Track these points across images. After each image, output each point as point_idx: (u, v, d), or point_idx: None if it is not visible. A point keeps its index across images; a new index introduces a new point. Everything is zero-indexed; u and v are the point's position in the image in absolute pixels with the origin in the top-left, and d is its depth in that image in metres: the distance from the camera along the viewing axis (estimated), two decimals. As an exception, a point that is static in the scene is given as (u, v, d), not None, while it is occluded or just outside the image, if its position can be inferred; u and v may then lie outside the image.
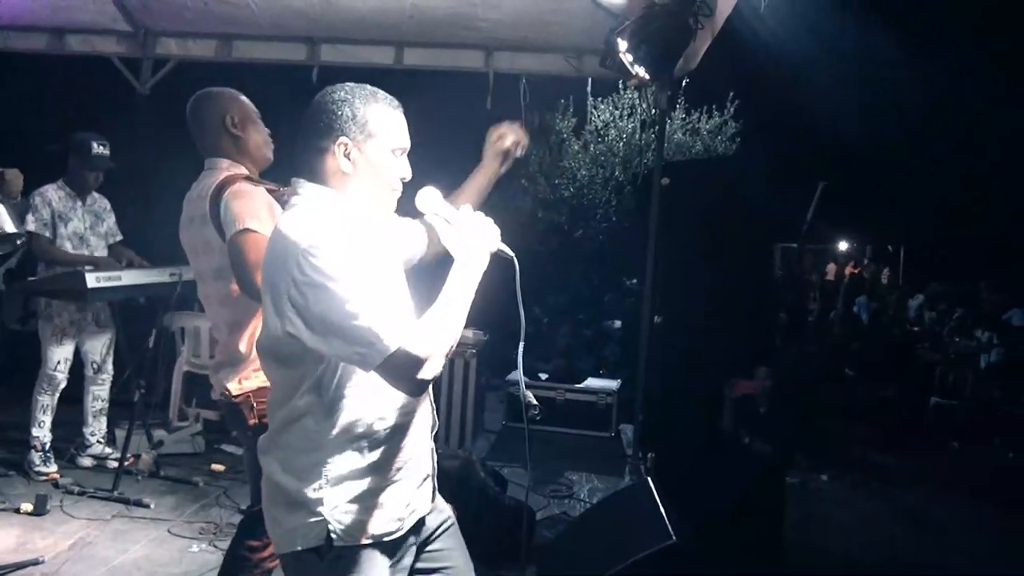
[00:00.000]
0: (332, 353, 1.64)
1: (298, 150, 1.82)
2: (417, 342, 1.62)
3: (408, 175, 1.87)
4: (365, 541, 1.72)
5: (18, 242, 3.51)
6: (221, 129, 2.78)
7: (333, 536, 1.69)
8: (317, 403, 1.71)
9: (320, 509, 1.69)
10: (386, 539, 1.75)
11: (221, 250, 2.60)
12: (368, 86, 1.84)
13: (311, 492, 1.70)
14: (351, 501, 1.71)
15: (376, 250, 1.77)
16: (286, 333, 1.66)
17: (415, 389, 1.68)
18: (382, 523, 1.74)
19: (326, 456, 1.71)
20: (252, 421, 2.72)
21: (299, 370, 1.71)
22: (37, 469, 4.70)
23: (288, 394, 1.74)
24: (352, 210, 1.78)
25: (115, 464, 4.95)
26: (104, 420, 5.08)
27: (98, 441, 5.04)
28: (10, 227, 3.35)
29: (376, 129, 1.78)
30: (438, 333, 1.67)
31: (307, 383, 1.71)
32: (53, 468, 4.76)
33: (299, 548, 1.72)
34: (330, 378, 1.70)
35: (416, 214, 1.94)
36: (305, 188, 1.80)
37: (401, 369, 1.61)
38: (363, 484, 1.73)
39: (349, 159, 1.77)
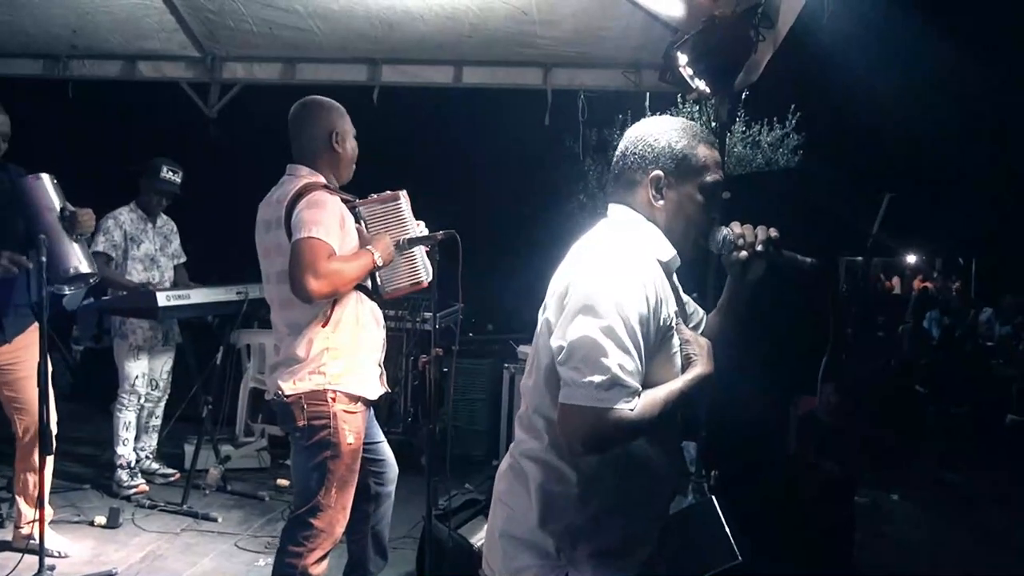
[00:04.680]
0: None
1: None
2: None
3: None
4: None
5: (91, 280, 3.66)
6: (325, 142, 2.92)
7: None
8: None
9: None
10: None
11: (288, 253, 2.68)
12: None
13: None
14: None
15: None
16: None
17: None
18: None
19: None
20: (301, 422, 2.78)
21: None
22: (126, 484, 4.82)
23: None
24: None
25: (162, 480, 5.10)
26: (155, 437, 5.18)
27: (147, 456, 5.14)
28: (86, 268, 3.49)
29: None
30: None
31: None
32: (141, 481, 4.89)
33: None
34: None
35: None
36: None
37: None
38: None
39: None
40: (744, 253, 1.77)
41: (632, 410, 1.54)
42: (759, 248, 1.77)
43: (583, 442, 1.57)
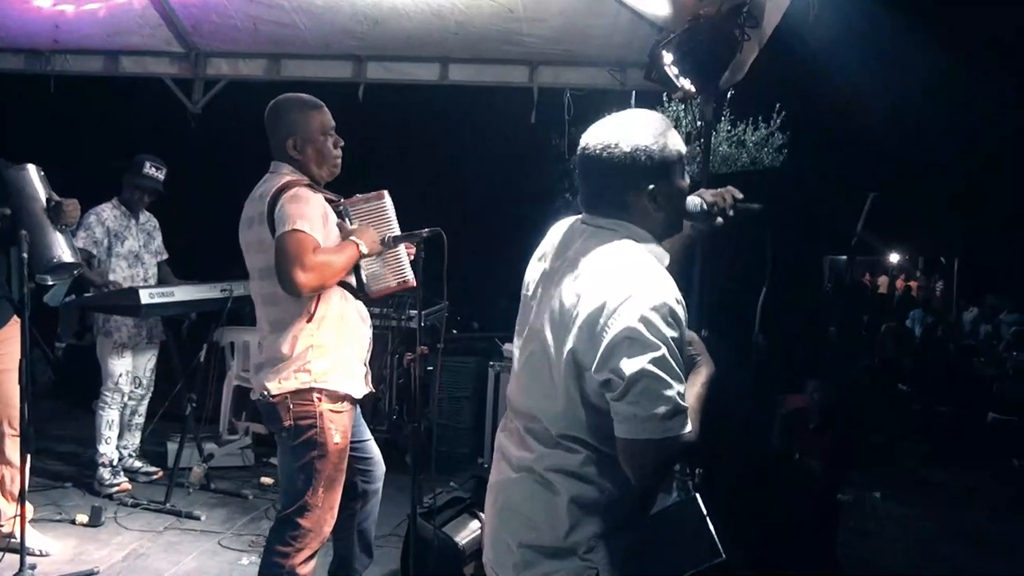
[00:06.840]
0: None
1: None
2: None
3: None
4: None
5: (75, 272, 3.64)
6: (283, 149, 2.90)
7: None
8: None
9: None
10: None
11: (271, 249, 2.67)
12: None
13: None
14: None
15: None
16: None
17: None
18: None
19: None
20: (288, 422, 2.78)
21: None
22: (108, 483, 4.78)
23: None
24: None
25: (145, 478, 5.06)
26: (138, 435, 5.14)
27: (130, 455, 5.10)
28: (69, 258, 3.46)
29: None
30: None
31: None
32: (123, 479, 4.85)
33: None
34: None
35: None
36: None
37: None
38: None
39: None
40: (720, 220, 1.87)
41: (690, 431, 1.59)
42: (730, 213, 1.87)
43: (655, 471, 1.62)
